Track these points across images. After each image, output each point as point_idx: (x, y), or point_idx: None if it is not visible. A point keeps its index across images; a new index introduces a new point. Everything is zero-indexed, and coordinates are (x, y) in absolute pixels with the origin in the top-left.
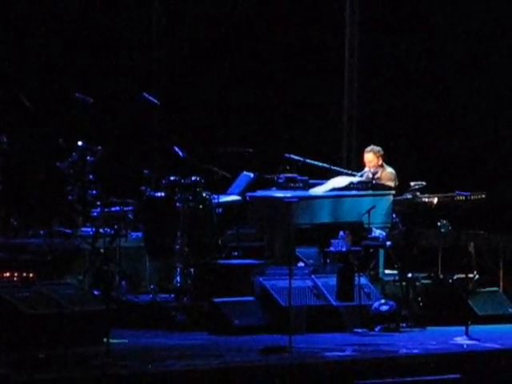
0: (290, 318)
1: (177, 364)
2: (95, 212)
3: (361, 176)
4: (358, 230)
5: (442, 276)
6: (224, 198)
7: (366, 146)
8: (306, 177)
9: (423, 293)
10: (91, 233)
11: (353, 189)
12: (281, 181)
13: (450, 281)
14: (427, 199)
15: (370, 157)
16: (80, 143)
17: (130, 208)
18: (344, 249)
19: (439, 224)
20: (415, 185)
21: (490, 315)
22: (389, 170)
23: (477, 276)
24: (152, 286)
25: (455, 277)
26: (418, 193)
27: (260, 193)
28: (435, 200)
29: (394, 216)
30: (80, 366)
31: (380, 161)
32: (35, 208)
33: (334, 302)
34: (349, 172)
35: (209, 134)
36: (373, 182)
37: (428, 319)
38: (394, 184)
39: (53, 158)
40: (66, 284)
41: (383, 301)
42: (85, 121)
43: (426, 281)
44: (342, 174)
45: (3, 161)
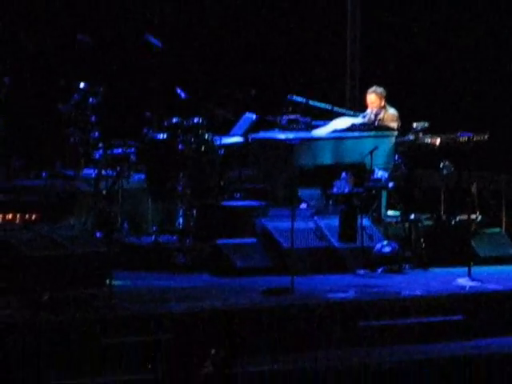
0: (293, 260)
1: (179, 306)
2: (97, 154)
3: (363, 117)
4: (361, 172)
5: (445, 217)
6: (226, 140)
7: (369, 87)
8: (309, 118)
9: (426, 234)
10: (93, 175)
11: (355, 130)
12: (283, 122)
13: (453, 222)
14: (430, 140)
15: (373, 98)
16: (82, 85)
17: (132, 150)
18: (346, 190)
19: (442, 165)
20: (418, 126)
21: (493, 256)
22: (391, 111)
23: (479, 217)
24: (154, 228)
25: (458, 218)
26: (421, 134)
27: (262, 134)
28: (438, 141)
29: (397, 157)
30: (82, 308)
31: (383, 102)
32: (37, 150)
33: (337, 244)
34: (351, 113)
35: (211, 76)
36: (375, 124)
37: (430, 260)
38: (397, 125)
39: (54, 100)
40: (69, 226)
41: (386, 242)
42: (86, 62)
43: (429, 222)
44: (345, 115)
45: (6, 103)
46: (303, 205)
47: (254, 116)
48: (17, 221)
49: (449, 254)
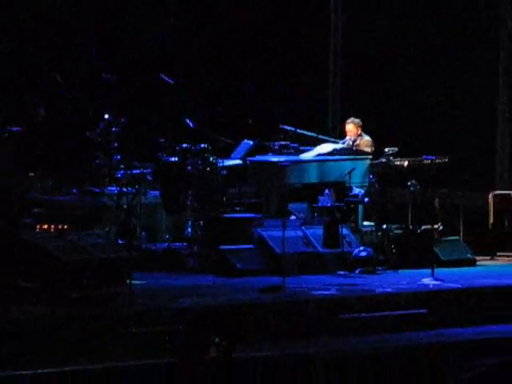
0: (284, 263)
1: (188, 301)
2: (119, 174)
3: (343, 143)
4: (341, 189)
5: (412, 227)
6: (228, 162)
7: (348, 118)
8: (297, 144)
9: (396, 241)
10: (116, 191)
11: (336, 154)
12: (276, 147)
13: (418, 231)
14: (399, 162)
15: (351, 127)
16: (106, 116)
17: (149, 171)
18: (329, 204)
19: (409, 183)
20: (389, 150)
21: (452, 260)
22: (366, 138)
23: (441, 227)
24: (167, 236)
25: (422, 227)
26: (391, 157)
27: (258, 158)
28: (405, 163)
29: (371, 177)
30: (107, 304)
31: (359, 130)
32: (69, 170)
33: (321, 249)
34: (333, 140)
35: (215, 108)
36: (353, 149)
37: (399, 263)
38: (371, 150)
39: (84, 128)
40: (95, 234)
41: (362, 248)
42: (110, 96)
43: (398, 231)
44: (327, 142)
45: (42, 130)
46: (293, 217)
47: (251, 142)
48: (52, 230)
49: (415, 258)
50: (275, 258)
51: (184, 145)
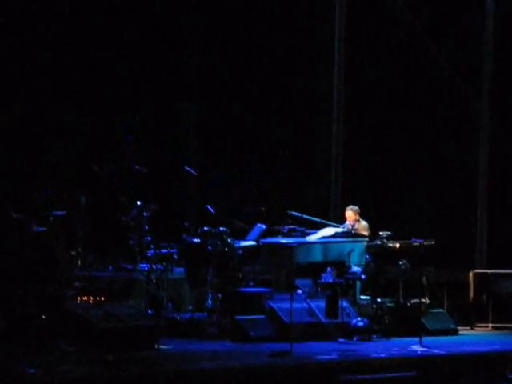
0: (291, 331)
1: (208, 364)
2: (149, 253)
3: (343, 227)
4: (341, 267)
5: (402, 300)
6: (243, 243)
7: (348, 205)
8: (303, 228)
9: (388, 313)
10: (146, 268)
11: (337, 237)
12: (285, 231)
13: (408, 304)
14: (392, 244)
15: (350, 213)
16: (138, 202)
17: (175, 250)
18: (331, 280)
19: (400, 262)
20: (383, 234)
21: (437, 329)
22: (363, 223)
23: (428, 301)
24: (190, 307)
25: (412, 301)
26: (385, 240)
27: (270, 239)
28: (397, 245)
29: (368, 256)
30: (138, 365)
31: (357, 216)
32: (105, 249)
33: (324, 319)
34: (334, 224)
35: (233, 197)
36: (352, 232)
37: (392, 332)
38: (368, 233)
39: (119, 213)
40: (128, 305)
41: (359, 318)
42: (141, 186)
43: (391, 304)
44: (330, 226)
45: (83, 214)
46: (299, 291)
47: (264, 226)
48: (91, 301)
49: (405, 328)
50: (284, 327)
51: (205, 228)
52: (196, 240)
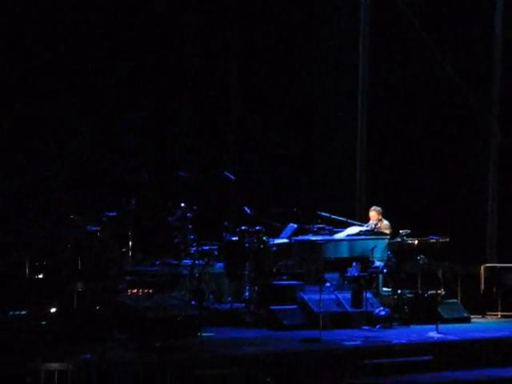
0: (321, 320)
1: (247, 349)
2: (192, 250)
3: (367, 226)
4: (365, 262)
5: (420, 292)
6: (277, 241)
7: (371, 206)
8: (331, 226)
9: (408, 303)
10: (190, 263)
11: (362, 235)
12: (314, 229)
13: (426, 295)
14: (411, 241)
15: (373, 214)
16: (182, 204)
17: (216, 247)
18: (356, 274)
19: (418, 257)
20: (403, 232)
21: (452, 318)
22: (386, 223)
23: (443, 292)
24: (230, 299)
25: (429, 292)
26: (405, 237)
27: (301, 237)
28: (416, 242)
29: (389, 252)
30: (183, 351)
31: (380, 216)
32: (153, 247)
33: (350, 309)
34: (359, 223)
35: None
36: (375, 231)
37: (411, 320)
38: (389, 232)
39: (165, 214)
40: (174, 297)
41: (382, 308)
42: (186, 189)
43: (410, 295)
44: (355, 225)
45: (133, 216)
46: (327, 284)
47: (295, 225)
48: (140, 294)
49: (423, 316)
50: (314, 316)
51: (243, 227)
52: (234, 238)
